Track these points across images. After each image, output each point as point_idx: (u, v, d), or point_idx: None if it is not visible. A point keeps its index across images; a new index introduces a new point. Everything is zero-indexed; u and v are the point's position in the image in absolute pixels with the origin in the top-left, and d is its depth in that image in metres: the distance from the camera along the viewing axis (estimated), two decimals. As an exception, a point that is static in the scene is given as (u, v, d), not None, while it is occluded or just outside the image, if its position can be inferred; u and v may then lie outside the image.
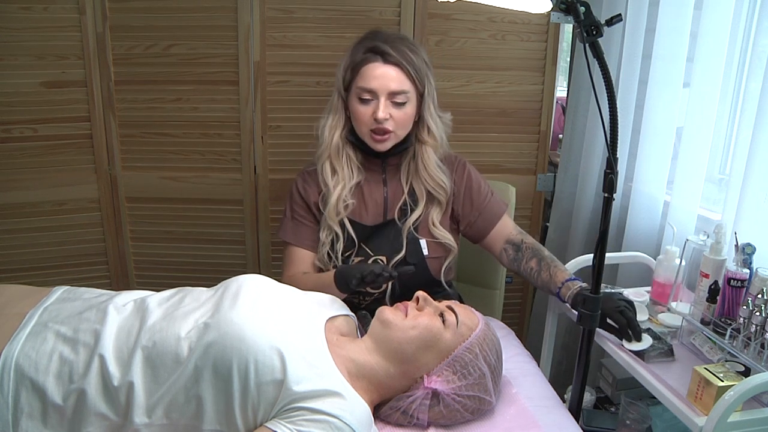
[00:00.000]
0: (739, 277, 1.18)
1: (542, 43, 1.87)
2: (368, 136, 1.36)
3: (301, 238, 1.45)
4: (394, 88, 1.32)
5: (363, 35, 1.39)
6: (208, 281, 1.19)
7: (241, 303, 1.00)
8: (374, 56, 1.32)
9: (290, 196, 1.48)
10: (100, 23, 1.75)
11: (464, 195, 1.46)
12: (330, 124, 1.40)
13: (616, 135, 1.04)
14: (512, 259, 1.43)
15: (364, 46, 1.34)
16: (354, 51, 1.36)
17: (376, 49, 1.32)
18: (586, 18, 1.01)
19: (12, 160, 1.82)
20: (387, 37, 1.35)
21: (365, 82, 1.32)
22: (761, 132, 1.24)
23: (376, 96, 1.32)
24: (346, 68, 1.36)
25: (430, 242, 1.42)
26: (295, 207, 1.46)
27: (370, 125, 1.34)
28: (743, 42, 1.51)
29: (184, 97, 1.84)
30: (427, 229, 1.42)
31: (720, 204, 1.46)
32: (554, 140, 2.10)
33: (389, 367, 1.04)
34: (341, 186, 1.39)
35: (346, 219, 1.40)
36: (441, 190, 1.42)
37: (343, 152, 1.40)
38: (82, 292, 1.11)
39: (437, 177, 1.41)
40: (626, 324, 1.18)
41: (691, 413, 1.02)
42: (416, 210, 1.41)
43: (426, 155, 1.41)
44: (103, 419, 0.92)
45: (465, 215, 1.46)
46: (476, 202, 1.46)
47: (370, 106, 1.33)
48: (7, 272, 1.88)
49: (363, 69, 1.33)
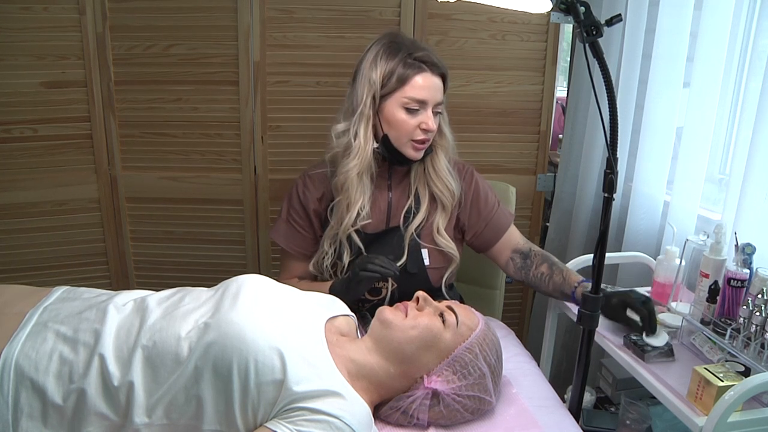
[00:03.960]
0: (739, 277, 1.17)
1: (542, 43, 1.87)
2: (408, 145, 1.33)
3: (292, 243, 1.43)
4: (440, 98, 1.33)
5: (388, 39, 1.33)
6: (208, 281, 1.19)
7: (241, 303, 1.00)
8: (424, 66, 1.30)
9: (289, 197, 1.45)
10: (100, 23, 1.75)
11: (471, 205, 1.44)
12: (364, 136, 1.32)
13: (616, 135, 1.04)
14: (519, 267, 1.41)
15: (403, 53, 1.30)
16: (390, 57, 1.30)
17: (425, 58, 1.30)
18: (586, 18, 1.01)
19: (12, 160, 1.82)
20: (419, 44, 1.33)
21: (416, 93, 1.29)
22: (761, 132, 1.24)
23: (424, 106, 1.30)
24: (386, 75, 1.29)
25: (432, 251, 1.40)
26: (292, 211, 1.44)
27: (413, 135, 1.32)
28: (743, 42, 1.51)
29: (184, 98, 1.84)
30: (431, 236, 1.40)
31: (720, 204, 1.46)
32: (554, 140, 2.10)
33: (389, 367, 1.04)
34: (362, 199, 1.35)
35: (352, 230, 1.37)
36: (448, 193, 1.40)
37: (372, 164, 1.36)
38: (81, 292, 1.11)
39: (446, 180, 1.39)
40: (648, 316, 1.19)
41: (691, 413, 1.02)
42: (419, 214, 1.39)
43: (437, 158, 1.39)
44: (103, 419, 0.92)
45: (471, 225, 1.44)
46: (483, 213, 1.44)
47: (417, 117, 1.31)
48: (7, 272, 1.88)
49: (413, 79, 1.29)
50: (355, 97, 1.33)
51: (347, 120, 1.35)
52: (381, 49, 1.32)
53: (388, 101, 1.31)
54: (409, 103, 1.30)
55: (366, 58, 1.33)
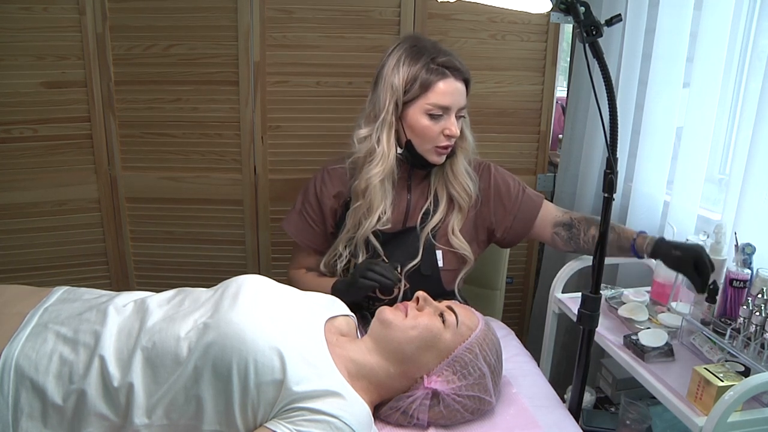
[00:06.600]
0: (741, 278, 1.17)
1: (542, 43, 1.87)
2: (432, 151, 1.33)
3: (302, 236, 1.44)
4: (463, 103, 1.32)
5: (410, 43, 1.32)
6: (208, 281, 1.19)
7: (241, 303, 1.00)
8: (447, 72, 1.29)
9: (305, 190, 1.45)
10: (100, 23, 1.75)
11: (494, 201, 1.43)
12: (387, 142, 1.32)
13: (616, 135, 1.04)
14: (567, 239, 1.40)
15: (426, 58, 1.29)
16: (413, 62, 1.29)
17: (448, 64, 1.29)
18: (586, 18, 1.01)
19: (12, 160, 1.82)
20: (442, 48, 1.32)
21: (439, 99, 1.28)
22: (761, 132, 1.24)
23: (447, 112, 1.30)
24: (408, 81, 1.29)
25: (447, 253, 1.39)
26: (306, 204, 1.44)
27: (437, 141, 1.32)
28: (743, 42, 1.51)
29: (184, 98, 1.84)
30: (445, 237, 1.39)
31: (720, 204, 1.46)
32: (554, 140, 2.10)
33: (389, 367, 1.04)
34: (384, 204, 1.35)
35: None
36: (465, 194, 1.39)
37: (394, 170, 1.35)
38: (82, 293, 1.11)
39: (464, 182, 1.39)
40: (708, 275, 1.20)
41: (691, 413, 1.02)
42: (437, 214, 1.39)
43: (456, 161, 1.39)
44: (103, 420, 0.92)
45: (499, 222, 1.43)
46: (509, 206, 1.43)
47: (440, 123, 1.30)
48: (7, 272, 1.88)
49: (436, 85, 1.28)
50: (378, 103, 1.32)
51: (369, 125, 1.35)
52: (403, 54, 1.31)
53: (411, 107, 1.31)
54: (433, 109, 1.29)
55: (388, 62, 1.32)
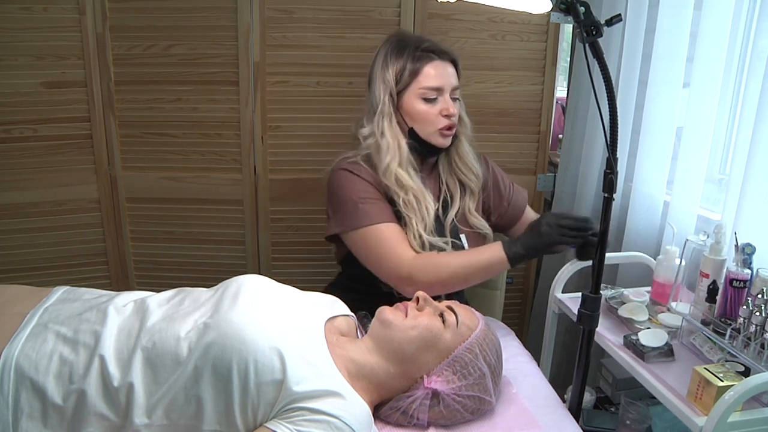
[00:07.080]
0: (741, 278, 1.17)
1: (542, 43, 1.87)
2: (436, 134, 1.37)
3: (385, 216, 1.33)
4: (455, 83, 1.37)
5: (394, 39, 1.39)
6: (208, 281, 1.19)
7: (241, 303, 1.00)
8: (432, 55, 1.34)
9: (348, 184, 1.35)
10: (100, 23, 1.75)
11: (492, 188, 1.52)
12: (390, 132, 1.35)
13: (616, 135, 1.04)
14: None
15: (411, 48, 1.34)
16: (399, 55, 1.35)
17: (432, 48, 1.35)
18: (586, 18, 1.01)
19: (12, 160, 1.82)
20: (425, 37, 1.39)
21: (430, 81, 1.33)
22: (761, 132, 1.24)
23: (441, 93, 1.34)
24: (398, 72, 1.35)
25: (470, 234, 1.45)
26: (361, 193, 1.34)
27: (438, 123, 1.36)
28: (743, 42, 1.50)
29: (184, 98, 1.84)
30: (465, 220, 1.45)
31: (720, 204, 1.46)
32: (554, 140, 2.10)
33: (389, 367, 1.04)
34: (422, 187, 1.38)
35: None
36: (474, 177, 1.46)
37: (410, 158, 1.37)
38: (82, 293, 1.11)
39: (472, 165, 1.45)
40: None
41: (691, 413, 1.02)
42: (455, 203, 1.43)
43: (461, 145, 1.44)
44: (103, 420, 0.92)
45: (496, 207, 1.52)
46: (504, 194, 1.53)
47: (437, 105, 1.35)
48: (7, 272, 1.88)
49: (424, 69, 1.33)
50: (374, 99, 1.38)
51: (370, 122, 1.38)
52: (389, 50, 1.37)
53: (406, 95, 1.35)
54: (426, 92, 1.34)
55: (376, 61, 1.39)
